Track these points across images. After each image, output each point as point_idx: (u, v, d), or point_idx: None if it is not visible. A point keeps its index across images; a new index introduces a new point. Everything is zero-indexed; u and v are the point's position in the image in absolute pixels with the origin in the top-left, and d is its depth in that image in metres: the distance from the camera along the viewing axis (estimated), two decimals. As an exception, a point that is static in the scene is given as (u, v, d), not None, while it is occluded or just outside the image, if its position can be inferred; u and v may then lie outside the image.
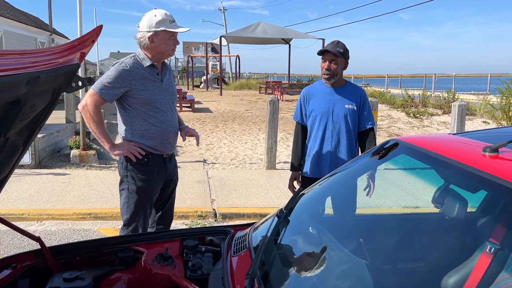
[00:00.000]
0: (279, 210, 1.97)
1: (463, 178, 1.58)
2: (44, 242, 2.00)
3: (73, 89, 2.02)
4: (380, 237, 2.24)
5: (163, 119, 2.83)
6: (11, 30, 14.24)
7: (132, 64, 2.72)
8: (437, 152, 1.69)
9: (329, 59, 3.12)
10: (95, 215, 4.73)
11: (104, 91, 2.67)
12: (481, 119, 13.57)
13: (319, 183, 2.24)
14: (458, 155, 1.60)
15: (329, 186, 2.20)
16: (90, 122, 2.69)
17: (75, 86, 2.01)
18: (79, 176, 6.27)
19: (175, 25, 2.73)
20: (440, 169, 1.71)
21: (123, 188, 2.84)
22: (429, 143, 1.90)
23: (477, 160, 1.51)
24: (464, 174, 1.51)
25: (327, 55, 3.12)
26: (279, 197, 5.52)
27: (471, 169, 1.48)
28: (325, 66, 3.14)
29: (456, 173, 1.56)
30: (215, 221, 4.84)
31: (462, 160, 1.54)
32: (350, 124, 3.19)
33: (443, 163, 1.61)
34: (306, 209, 2.12)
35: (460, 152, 1.64)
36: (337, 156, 3.21)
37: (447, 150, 1.69)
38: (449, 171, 1.62)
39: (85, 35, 1.91)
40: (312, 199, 2.16)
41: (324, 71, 3.15)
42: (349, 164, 2.27)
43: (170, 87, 2.91)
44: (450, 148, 1.73)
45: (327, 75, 3.15)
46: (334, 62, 3.11)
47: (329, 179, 2.22)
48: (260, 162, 7.89)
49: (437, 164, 1.67)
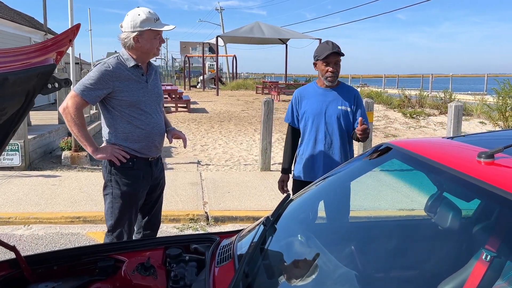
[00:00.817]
0: (265, 217, 1.88)
1: (457, 186, 1.49)
2: (27, 248, 1.90)
3: (49, 90, 1.93)
4: (373, 244, 2.15)
5: (148, 121, 2.73)
6: (5, 29, 14.10)
7: (115, 64, 2.62)
8: (430, 158, 1.60)
9: (333, 61, 3.03)
10: (84, 219, 4.63)
11: (85, 93, 2.57)
12: (477, 120, 13.51)
13: (308, 188, 2.16)
14: (451, 161, 1.51)
15: (319, 191, 2.11)
16: (72, 125, 2.59)
17: (52, 87, 1.92)
18: (70, 178, 6.17)
19: (160, 24, 2.64)
20: (433, 175, 1.62)
21: (107, 193, 2.75)
22: (422, 148, 1.81)
23: (471, 167, 1.42)
24: (458, 181, 1.43)
25: (332, 57, 3.01)
26: (272, 199, 5.43)
27: (464, 176, 1.40)
28: (329, 69, 3.03)
29: (449, 180, 1.47)
30: (207, 224, 4.74)
31: (456, 167, 1.45)
32: (343, 125, 3.10)
33: (436, 170, 1.52)
34: (295, 215, 2.04)
35: (453, 157, 1.56)
36: (330, 158, 3.12)
37: (440, 156, 1.60)
38: (442, 178, 1.53)
39: (60, 34, 1.81)
40: (301, 205, 2.07)
41: (329, 74, 3.04)
42: (340, 168, 2.18)
43: (155, 88, 2.81)
44: (444, 153, 1.65)
45: (332, 77, 3.06)
46: (339, 62, 3.05)
47: (319, 183, 2.13)
48: (255, 163, 7.80)
49: (430, 170, 1.58)
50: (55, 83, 1.87)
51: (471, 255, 1.72)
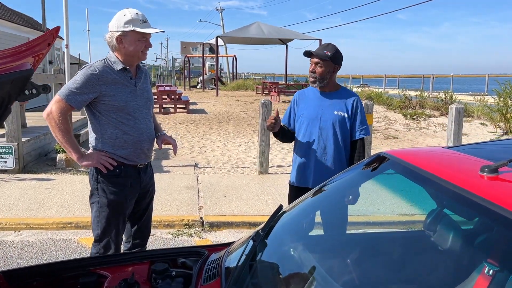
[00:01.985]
0: (255, 232, 1.77)
1: (457, 203, 1.38)
2: (17, 256, 1.80)
3: (27, 97, 1.83)
4: (370, 259, 2.05)
5: (136, 127, 2.63)
6: (3, 30, 14.01)
7: (101, 67, 2.51)
8: (428, 171, 1.49)
9: (314, 62, 2.96)
10: (76, 224, 4.53)
11: (71, 97, 2.46)
12: (478, 121, 13.39)
13: (302, 199, 2.05)
14: (451, 175, 1.40)
15: (312, 203, 2.01)
16: (56, 131, 2.48)
17: (29, 94, 1.82)
18: (64, 182, 6.06)
19: (146, 26, 2.52)
20: (432, 190, 1.51)
21: (94, 202, 2.64)
22: (420, 159, 1.70)
23: (473, 182, 1.31)
24: (458, 198, 1.32)
25: (312, 57, 2.95)
26: (270, 204, 5.32)
27: (466, 193, 1.29)
28: (310, 68, 2.97)
29: (450, 196, 1.36)
30: (202, 230, 4.64)
31: (457, 182, 1.35)
32: (339, 132, 2.99)
33: (435, 184, 1.42)
34: (287, 229, 1.93)
35: (454, 171, 1.45)
36: (323, 164, 3.02)
37: (440, 168, 1.50)
38: (442, 193, 1.42)
39: (37, 38, 1.71)
40: (294, 217, 1.96)
41: (310, 74, 2.99)
42: (335, 178, 2.08)
43: (145, 92, 2.71)
44: (443, 165, 1.54)
45: (313, 78, 2.99)
46: (320, 65, 2.93)
47: (312, 194, 2.03)
48: (253, 166, 7.70)
49: (428, 184, 1.47)
50: (33, 89, 1.78)
51: (473, 269, 1.61)
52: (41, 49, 1.71)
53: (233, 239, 4.48)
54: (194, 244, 4.31)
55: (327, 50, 2.94)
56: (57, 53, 18.38)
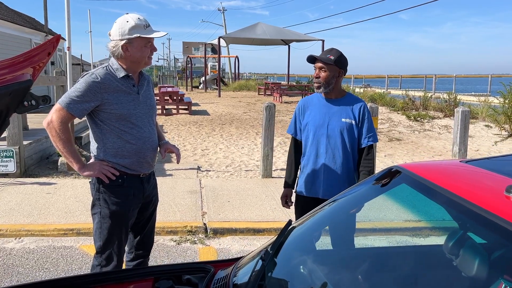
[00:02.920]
0: (264, 251, 1.69)
1: (481, 227, 1.30)
2: (17, 264, 1.73)
3: (26, 109, 1.76)
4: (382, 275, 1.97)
5: (139, 136, 2.55)
6: (4, 31, 13.96)
7: (104, 75, 2.44)
8: (448, 189, 1.41)
9: (318, 67, 2.88)
10: (78, 231, 4.46)
11: (72, 106, 2.39)
12: (483, 123, 13.28)
13: (312, 214, 1.97)
14: (473, 195, 1.32)
15: (323, 218, 1.93)
16: (57, 141, 2.40)
17: (29, 105, 1.75)
18: (66, 186, 5.99)
19: (150, 30, 2.45)
20: (452, 211, 1.43)
21: (95, 212, 2.57)
22: (437, 175, 1.62)
23: (498, 204, 1.23)
24: (482, 221, 1.24)
25: (316, 62, 2.88)
26: (274, 209, 5.24)
27: (490, 215, 1.21)
28: (314, 74, 2.90)
29: (472, 219, 1.28)
30: (205, 237, 4.56)
31: (479, 203, 1.26)
32: (347, 139, 2.91)
33: (456, 205, 1.33)
34: (297, 246, 1.85)
35: (477, 190, 1.36)
36: (332, 173, 2.93)
37: (460, 186, 1.41)
38: (463, 215, 1.34)
39: (36, 48, 1.64)
40: (304, 233, 1.88)
41: (314, 79, 2.92)
42: (346, 193, 2.00)
43: (148, 100, 2.63)
44: (464, 183, 1.45)
45: (317, 84, 2.91)
46: (324, 70, 2.86)
47: (323, 209, 1.95)
48: (256, 169, 7.62)
49: (449, 204, 1.39)
50: (32, 100, 1.71)
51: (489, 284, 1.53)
52: (41, 59, 1.64)
53: (237, 246, 4.41)
54: (198, 251, 4.24)
55: (331, 54, 2.87)
56: (59, 54, 18.33)
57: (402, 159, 8.72)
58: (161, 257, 4.07)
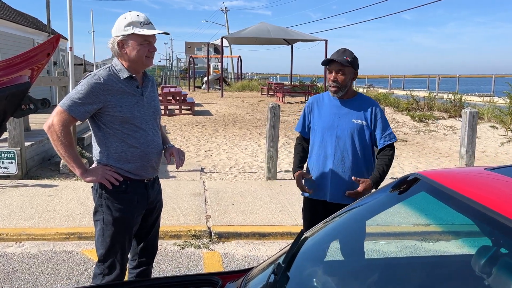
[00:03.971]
0: (276, 264, 1.59)
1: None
2: (18, 269, 1.63)
3: (24, 113, 1.67)
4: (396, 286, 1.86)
5: (143, 139, 2.45)
6: (7, 31, 13.90)
7: (106, 76, 2.34)
8: (477, 200, 1.30)
9: (335, 70, 2.75)
10: (80, 235, 4.36)
11: (73, 108, 2.29)
12: (488, 124, 13.14)
13: (325, 224, 1.87)
14: (505, 208, 1.21)
15: (337, 228, 1.82)
16: (58, 145, 2.31)
17: (27, 109, 1.66)
18: (68, 188, 5.90)
19: (147, 28, 2.34)
20: (483, 225, 1.33)
21: (98, 219, 2.47)
22: (463, 184, 1.51)
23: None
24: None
25: (333, 65, 2.75)
26: (279, 212, 5.14)
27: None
28: (331, 77, 2.77)
29: (507, 235, 1.17)
30: (210, 241, 4.46)
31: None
32: (357, 141, 2.81)
33: (487, 218, 1.23)
34: (310, 260, 1.75)
35: (507, 203, 1.26)
36: (340, 177, 2.83)
37: (491, 198, 1.31)
38: (497, 230, 1.24)
39: (34, 48, 1.55)
40: (317, 246, 1.78)
41: (331, 83, 2.79)
42: (361, 201, 1.89)
43: (152, 102, 2.53)
44: (495, 194, 1.35)
45: (334, 88, 2.78)
46: (342, 72, 2.74)
47: (337, 219, 1.84)
48: (260, 170, 7.52)
49: (478, 217, 1.28)
50: (31, 104, 1.62)
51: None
52: (40, 59, 1.55)
53: (242, 251, 4.31)
54: (202, 256, 4.14)
55: (346, 55, 2.76)
56: (62, 54, 18.28)
57: (408, 161, 8.61)
58: (165, 263, 3.97)
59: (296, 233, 4.68)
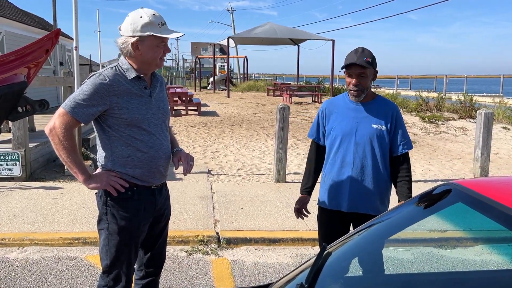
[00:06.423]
0: (299, 285, 1.43)
1: None
2: (20, 276, 1.48)
3: (20, 115, 1.52)
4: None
5: (151, 143, 2.30)
6: (13, 31, 13.85)
7: (112, 76, 2.19)
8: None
9: (356, 73, 2.55)
10: (84, 240, 4.22)
11: (77, 110, 2.14)
12: (500, 125, 12.91)
13: (350, 236, 1.71)
14: None
15: (363, 244, 1.66)
16: (60, 149, 2.16)
17: (23, 111, 1.51)
18: (72, 191, 5.77)
19: (165, 29, 2.20)
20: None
21: (102, 228, 2.32)
22: (503, 194, 1.36)
23: None
24: None
25: (354, 68, 2.55)
26: (289, 217, 4.98)
27: None
28: (352, 81, 2.58)
29: None
30: (218, 247, 4.31)
31: None
32: (378, 147, 2.63)
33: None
34: (335, 275, 1.59)
35: None
36: (360, 185, 2.66)
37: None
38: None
39: (31, 44, 1.40)
40: (341, 262, 1.62)
41: (352, 87, 2.59)
42: (388, 214, 1.73)
43: (161, 104, 2.38)
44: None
45: (356, 91, 2.59)
46: (363, 75, 2.56)
47: (362, 233, 1.68)
48: (269, 172, 7.36)
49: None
50: (27, 105, 1.47)
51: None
52: (37, 56, 1.40)
53: (252, 257, 4.15)
54: (210, 263, 3.99)
55: (366, 56, 2.57)
56: (68, 54, 18.23)
57: (419, 163, 8.42)
58: (172, 270, 3.82)
59: (308, 239, 4.52)
